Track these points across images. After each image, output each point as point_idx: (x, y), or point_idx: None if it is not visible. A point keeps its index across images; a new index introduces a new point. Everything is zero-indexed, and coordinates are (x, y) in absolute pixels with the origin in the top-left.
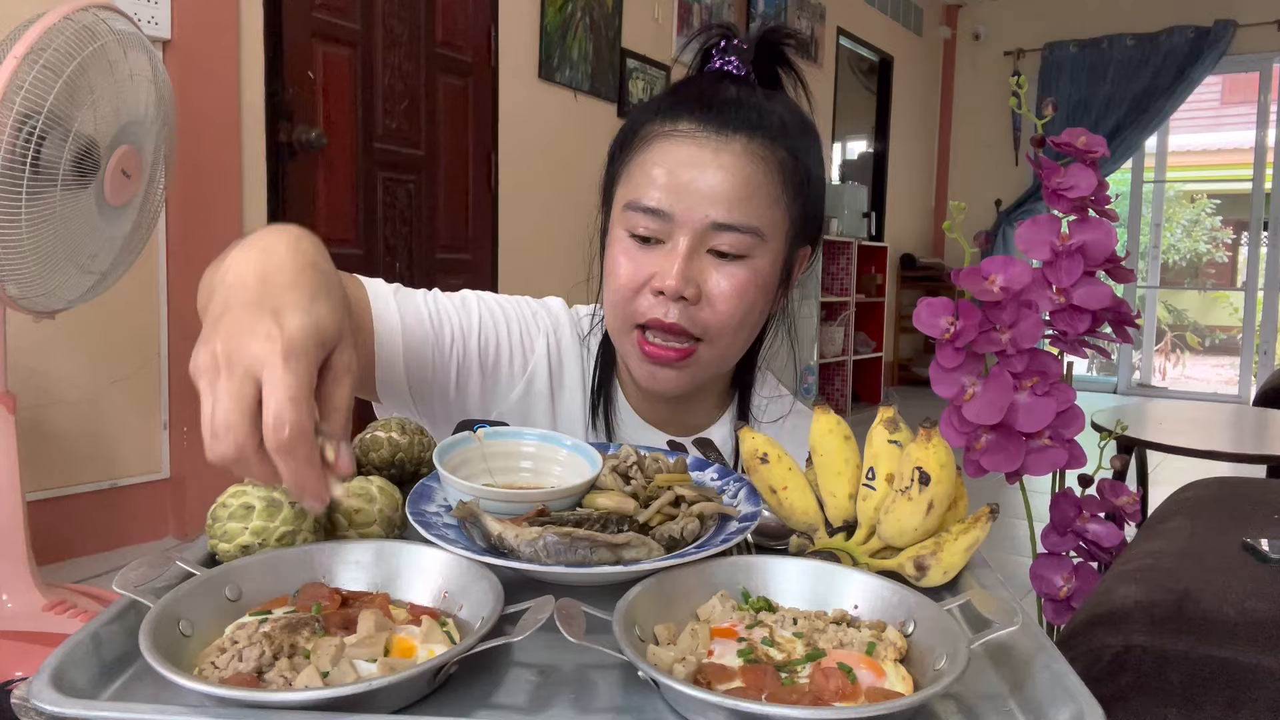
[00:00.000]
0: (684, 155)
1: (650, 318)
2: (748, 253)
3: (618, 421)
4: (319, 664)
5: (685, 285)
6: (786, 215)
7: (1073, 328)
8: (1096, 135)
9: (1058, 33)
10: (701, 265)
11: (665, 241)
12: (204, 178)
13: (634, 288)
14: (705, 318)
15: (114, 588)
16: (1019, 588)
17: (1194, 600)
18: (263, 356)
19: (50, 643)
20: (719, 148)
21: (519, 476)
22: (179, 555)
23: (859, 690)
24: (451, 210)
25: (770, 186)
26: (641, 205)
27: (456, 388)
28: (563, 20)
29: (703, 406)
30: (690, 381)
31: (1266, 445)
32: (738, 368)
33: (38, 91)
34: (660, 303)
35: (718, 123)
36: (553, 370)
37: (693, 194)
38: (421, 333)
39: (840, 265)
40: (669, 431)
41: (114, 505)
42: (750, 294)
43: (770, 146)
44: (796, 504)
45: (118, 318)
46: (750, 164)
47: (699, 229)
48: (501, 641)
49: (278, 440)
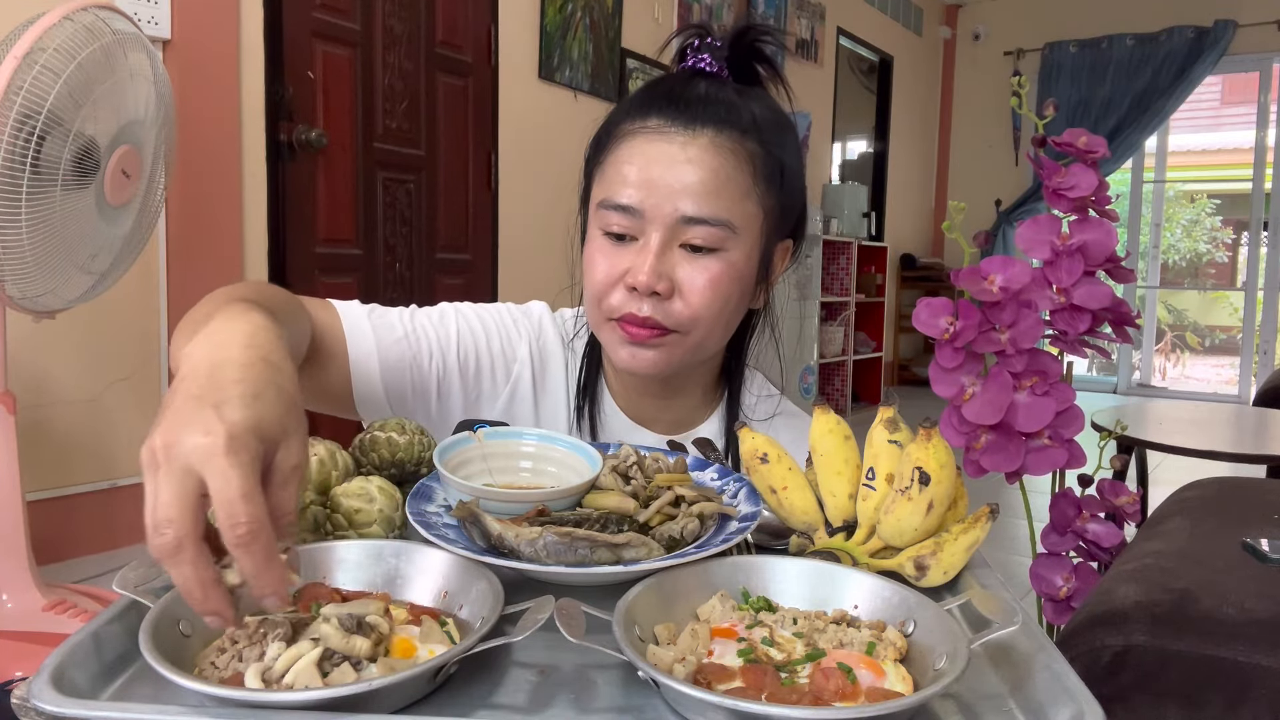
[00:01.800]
0: (653, 151)
1: (624, 313)
2: (720, 246)
3: (604, 422)
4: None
5: (657, 280)
6: (760, 208)
7: (1073, 328)
8: (1097, 135)
9: (1058, 33)
10: (674, 260)
11: (638, 238)
12: (204, 178)
13: (609, 284)
14: (679, 311)
15: (114, 588)
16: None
17: (1194, 600)
18: (203, 450)
19: (50, 643)
20: (686, 142)
21: (519, 476)
22: None
23: (859, 690)
24: (451, 210)
25: (740, 179)
26: (613, 203)
27: (439, 400)
28: (563, 20)
29: (690, 403)
30: (669, 362)
31: (1266, 445)
32: (725, 364)
33: (38, 91)
34: (634, 298)
35: (685, 118)
36: (535, 375)
37: (662, 189)
38: (398, 352)
39: (840, 265)
40: (658, 430)
41: (114, 505)
42: (724, 286)
43: (739, 140)
44: (796, 504)
45: (118, 318)
46: (718, 157)
47: (670, 223)
48: (501, 641)
49: (235, 537)
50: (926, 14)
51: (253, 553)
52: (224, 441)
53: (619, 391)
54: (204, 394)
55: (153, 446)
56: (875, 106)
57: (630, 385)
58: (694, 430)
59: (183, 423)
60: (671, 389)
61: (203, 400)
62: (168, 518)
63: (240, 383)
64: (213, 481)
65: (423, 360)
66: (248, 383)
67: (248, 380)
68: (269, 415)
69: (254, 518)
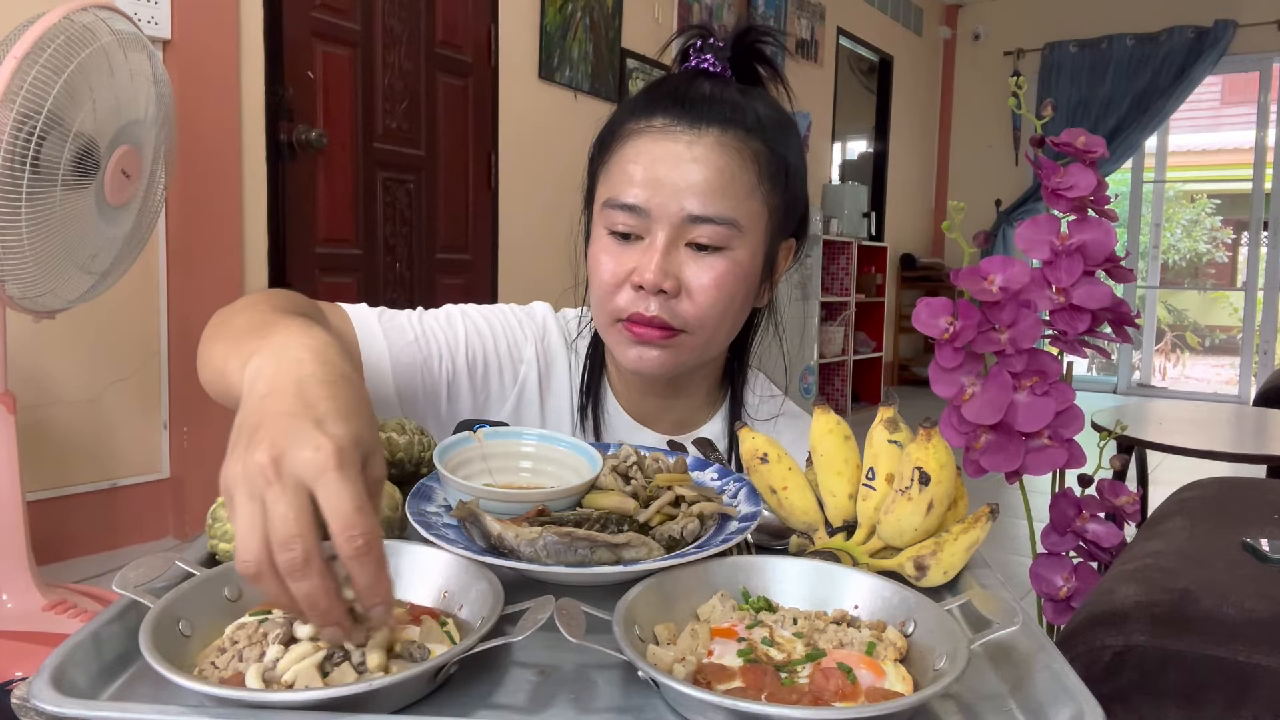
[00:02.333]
0: (658, 151)
1: (631, 312)
2: (725, 244)
3: (607, 422)
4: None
5: (663, 279)
6: (765, 207)
7: (1072, 328)
8: (1096, 135)
9: (1058, 33)
10: (680, 258)
11: (644, 237)
12: (204, 178)
13: (615, 284)
14: (685, 310)
15: (114, 588)
16: (1019, 588)
17: (1194, 600)
18: (315, 465)
19: (50, 643)
20: (692, 141)
21: (519, 476)
22: (179, 555)
23: (859, 690)
24: (451, 210)
25: (745, 178)
26: (619, 202)
27: (448, 403)
28: (563, 20)
29: (693, 404)
30: (675, 363)
31: (1266, 445)
32: (728, 364)
33: (38, 91)
34: (640, 297)
35: (690, 117)
36: (541, 376)
37: (668, 188)
38: (409, 356)
39: (840, 265)
40: (661, 430)
41: (114, 505)
42: (729, 285)
43: (744, 139)
44: (796, 504)
45: (118, 318)
46: (724, 156)
47: (675, 222)
48: (502, 641)
49: (352, 549)
50: (926, 14)
51: (366, 565)
52: (334, 456)
53: (622, 392)
54: (299, 411)
55: (258, 464)
56: (875, 106)
57: (634, 385)
58: (697, 430)
59: (288, 439)
60: (675, 389)
61: (301, 417)
62: (292, 533)
63: (331, 399)
64: (326, 496)
65: (433, 363)
66: (338, 400)
67: (337, 397)
68: (363, 431)
69: (369, 530)
